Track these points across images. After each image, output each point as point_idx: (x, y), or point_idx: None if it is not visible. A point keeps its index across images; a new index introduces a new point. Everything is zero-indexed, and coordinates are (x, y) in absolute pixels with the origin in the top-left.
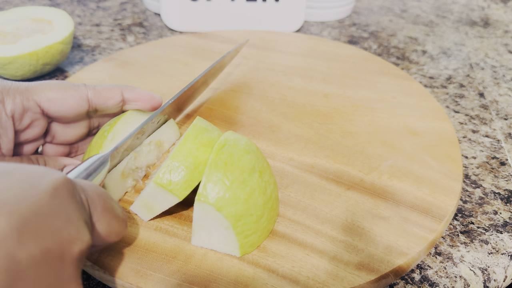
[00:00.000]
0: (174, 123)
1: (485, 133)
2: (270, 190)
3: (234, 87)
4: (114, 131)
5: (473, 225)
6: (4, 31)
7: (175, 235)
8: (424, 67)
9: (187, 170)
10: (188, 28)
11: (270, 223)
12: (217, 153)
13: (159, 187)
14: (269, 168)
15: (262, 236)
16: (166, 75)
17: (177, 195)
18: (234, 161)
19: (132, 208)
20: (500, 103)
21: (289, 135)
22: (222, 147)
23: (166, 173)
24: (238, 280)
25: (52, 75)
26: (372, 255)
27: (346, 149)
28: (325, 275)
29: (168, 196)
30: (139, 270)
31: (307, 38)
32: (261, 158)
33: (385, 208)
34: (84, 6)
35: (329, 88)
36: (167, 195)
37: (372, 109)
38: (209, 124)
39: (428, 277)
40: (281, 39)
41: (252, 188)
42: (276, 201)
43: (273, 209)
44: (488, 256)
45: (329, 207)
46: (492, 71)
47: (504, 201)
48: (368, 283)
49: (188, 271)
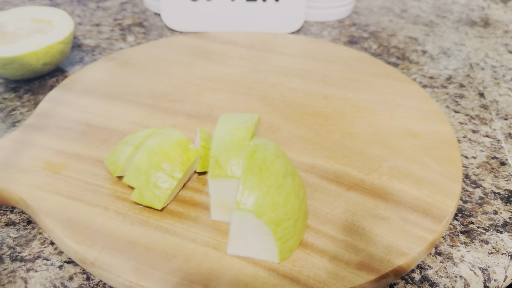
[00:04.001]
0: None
1: (485, 133)
2: (302, 193)
3: (235, 88)
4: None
5: (473, 225)
6: (4, 31)
7: (176, 234)
8: (424, 67)
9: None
10: (188, 28)
11: (304, 226)
12: (250, 159)
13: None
14: (297, 171)
15: (298, 240)
16: (166, 75)
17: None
18: (268, 166)
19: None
20: (500, 103)
21: (289, 135)
22: (253, 153)
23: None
24: (238, 279)
25: (52, 75)
26: (373, 255)
27: (346, 150)
28: (325, 274)
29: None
30: (140, 268)
31: (307, 40)
32: (289, 161)
33: (385, 208)
34: (84, 6)
35: (329, 89)
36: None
37: (372, 110)
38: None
39: (428, 277)
40: (281, 40)
41: (287, 192)
42: (306, 203)
43: (306, 212)
44: (488, 256)
45: (329, 207)
46: (492, 71)
47: (504, 201)
48: (369, 283)
49: (189, 270)
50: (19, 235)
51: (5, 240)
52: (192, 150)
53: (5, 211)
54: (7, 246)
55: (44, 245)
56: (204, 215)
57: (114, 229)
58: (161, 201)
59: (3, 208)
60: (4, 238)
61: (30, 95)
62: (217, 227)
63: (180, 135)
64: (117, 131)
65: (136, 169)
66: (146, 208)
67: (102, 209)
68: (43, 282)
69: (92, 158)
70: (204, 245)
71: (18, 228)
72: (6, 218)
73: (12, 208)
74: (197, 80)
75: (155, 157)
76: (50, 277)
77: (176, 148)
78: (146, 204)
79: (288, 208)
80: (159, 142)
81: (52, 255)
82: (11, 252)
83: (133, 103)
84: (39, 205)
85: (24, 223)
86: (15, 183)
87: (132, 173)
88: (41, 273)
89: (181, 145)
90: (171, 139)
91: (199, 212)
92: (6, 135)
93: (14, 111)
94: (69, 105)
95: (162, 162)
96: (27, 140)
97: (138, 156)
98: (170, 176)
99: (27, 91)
